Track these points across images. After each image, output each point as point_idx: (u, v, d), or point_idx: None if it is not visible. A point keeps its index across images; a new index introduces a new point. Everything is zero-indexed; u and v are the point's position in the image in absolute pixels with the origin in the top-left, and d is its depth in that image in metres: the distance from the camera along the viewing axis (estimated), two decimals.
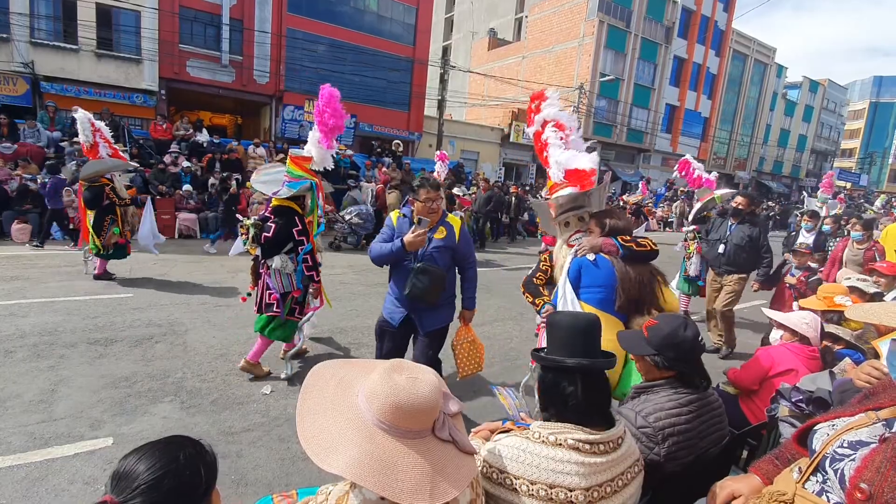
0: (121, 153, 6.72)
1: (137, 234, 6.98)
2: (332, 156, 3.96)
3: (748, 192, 7.33)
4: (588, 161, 2.78)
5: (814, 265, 5.56)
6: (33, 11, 13.73)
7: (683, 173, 7.58)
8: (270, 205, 3.88)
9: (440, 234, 2.99)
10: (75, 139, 11.02)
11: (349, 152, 15.10)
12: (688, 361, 1.76)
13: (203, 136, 13.49)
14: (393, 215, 3.11)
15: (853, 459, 1.11)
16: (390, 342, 3.13)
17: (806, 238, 6.39)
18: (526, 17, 30.11)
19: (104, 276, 6.61)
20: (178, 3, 15.26)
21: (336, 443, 0.98)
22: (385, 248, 2.96)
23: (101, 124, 6.48)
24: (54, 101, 12.86)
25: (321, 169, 3.91)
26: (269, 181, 4.01)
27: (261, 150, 13.70)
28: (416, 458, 0.98)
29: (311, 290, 4.00)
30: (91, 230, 6.32)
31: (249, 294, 4.14)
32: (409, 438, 1.00)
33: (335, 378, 1.12)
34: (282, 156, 13.35)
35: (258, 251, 3.83)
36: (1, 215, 8.99)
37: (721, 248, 5.27)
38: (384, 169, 14.40)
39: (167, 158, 11.48)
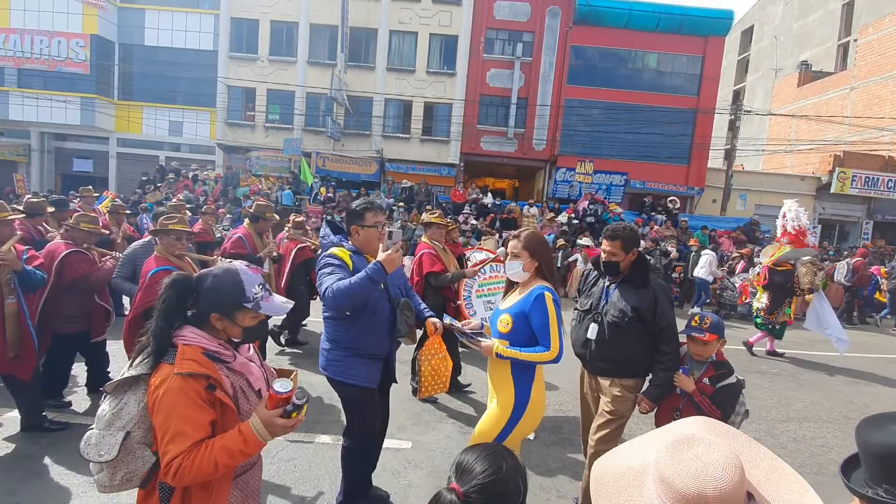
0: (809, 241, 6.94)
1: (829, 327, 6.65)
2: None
3: None
4: None
5: None
6: (386, 113, 19.13)
7: None
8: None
9: None
10: (400, 204, 14.53)
11: (619, 210, 14.90)
12: None
13: (488, 199, 15.70)
14: (343, 255, 2.47)
15: None
16: (374, 407, 2.65)
17: None
18: (854, 41, 24.08)
19: (774, 353, 7.11)
20: (479, 92, 18.61)
21: None
22: (357, 281, 2.26)
23: (798, 209, 6.83)
24: (392, 177, 17.37)
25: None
26: None
27: (533, 210, 14.96)
28: None
29: None
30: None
31: None
32: None
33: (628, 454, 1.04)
34: (552, 215, 14.25)
35: None
36: None
37: None
38: (656, 227, 13.57)
39: (461, 218, 13.81)
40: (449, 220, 5.16)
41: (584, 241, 10.70)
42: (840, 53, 26.82)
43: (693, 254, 11.12)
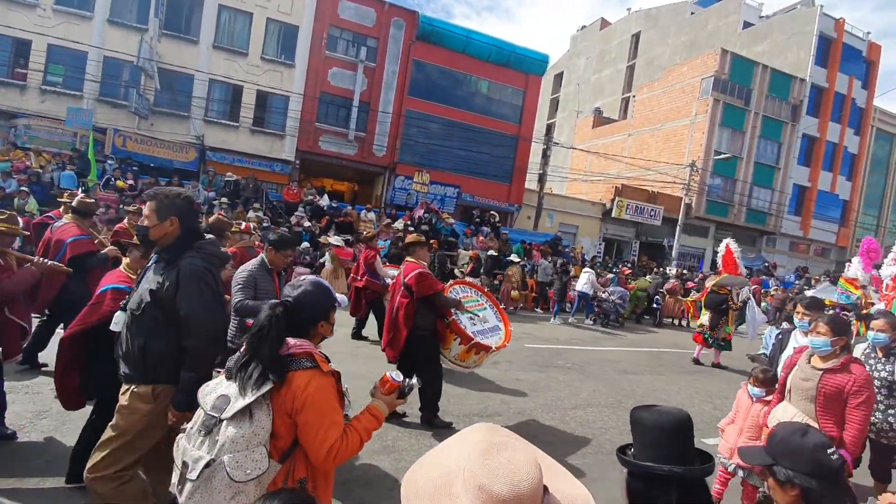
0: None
1: (748, 332, 9.30)
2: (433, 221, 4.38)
3: None
4: None
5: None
6: (210, 95, 17.02)
7: None
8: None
9: None
10: (223, 199, 13.02)
11: (451, 220, 15.83)
12: (811, 476, 1.47)
13: (324, 201, 15.12)
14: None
15: None
16: None
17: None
18: (633, 96, 30.33)
19: (719, 366, 8.61)
20: (320, 89, 17.89)
21: None
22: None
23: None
24: (214, 167, 15.44)
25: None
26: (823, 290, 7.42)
27: (371, 215, 14.93)
28: None
29: None
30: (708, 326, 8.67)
31: None
32: None
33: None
34: (388, 220, 14.41)
35: None
36: None
37: None
38: (481, 238, 14.79)
39: (293, 219, 12.98)
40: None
41: (333, 239, 9.73)
42: (623, 105, 33.39)
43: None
